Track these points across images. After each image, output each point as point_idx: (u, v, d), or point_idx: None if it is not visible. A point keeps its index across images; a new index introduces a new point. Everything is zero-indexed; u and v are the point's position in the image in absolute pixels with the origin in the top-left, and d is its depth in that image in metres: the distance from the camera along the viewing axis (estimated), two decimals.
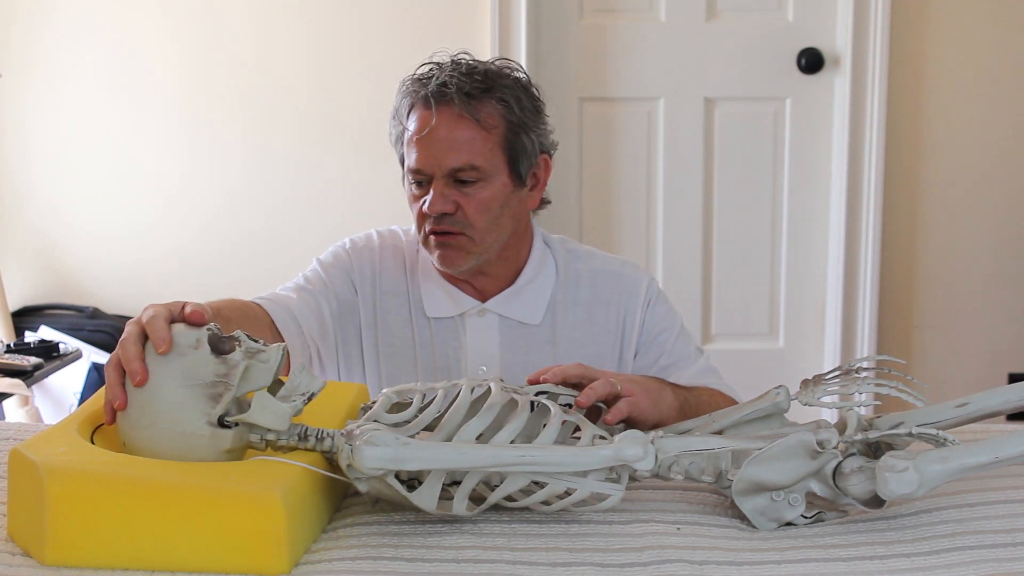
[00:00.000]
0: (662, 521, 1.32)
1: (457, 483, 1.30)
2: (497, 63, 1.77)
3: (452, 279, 1.83)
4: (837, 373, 1.43)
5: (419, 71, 1.76)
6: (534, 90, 1.79)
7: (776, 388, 1.42)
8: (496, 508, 1.32)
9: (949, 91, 3.35)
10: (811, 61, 3.34)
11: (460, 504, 1.27)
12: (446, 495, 1.30)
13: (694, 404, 1.61)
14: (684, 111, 3.41)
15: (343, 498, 1.38)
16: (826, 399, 1.41)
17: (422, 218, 1.76)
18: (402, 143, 1.77)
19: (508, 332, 1.83)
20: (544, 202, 1.86)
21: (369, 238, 1.89)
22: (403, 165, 1.79)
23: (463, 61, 1.75)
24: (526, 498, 1.29)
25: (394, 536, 1.27)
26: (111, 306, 3.47)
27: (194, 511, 1.17)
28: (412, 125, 1.74)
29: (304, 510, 1.23)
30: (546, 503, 1.30)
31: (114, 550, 1.18)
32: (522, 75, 1.78)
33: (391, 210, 3.30)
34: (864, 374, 1.42)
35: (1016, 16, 3.31)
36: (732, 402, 1.73)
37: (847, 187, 3.35)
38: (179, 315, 1.30)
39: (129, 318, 2.19)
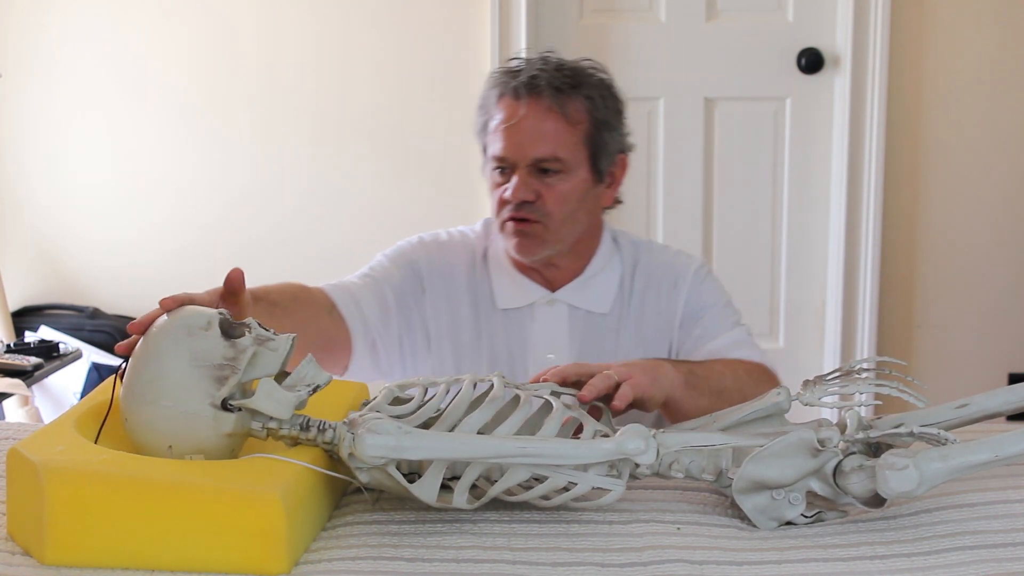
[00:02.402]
0: (662, 521, 1.32)
1: (457, 477, 1.30)
2: (583, 62, 1.84)
3: (523, 269, 1.88)
4: (838, 374, 1.43)
5: (508, 64, 1.84)
6: (616, 91, 1.85)
7: (777, 388, 1.42)
8: (496, 505, 1.32)
9: (949, 91, 3.34)
10: (811, 61, 3.34)
11: (460, 497, 1.27)
12: (446, 488, 1.30)
13: (702, 375, 1.63)
14: (684, 111, 3.40)
15: (342, 495, 1.38)
16: (827, 399, 1.41)
17: (502, 205, 1.82)
18: (486, 132, 1.83)
19: (577, 321, 1.88)
20: (617, 201, 1.92)
21: (437, 235, 1.96)
22: (484, 153, 1.85)
23: (551, 58, 1.82)
24: (526, 493, 1.29)
25: (394, 536, 1.27)
26: (111, 306, 3.47)
27: (194, 511, 1.17)
28: (499, 114, 1.80)
29: (304, 509, 1.23)
30: (546, 498, 1.30)
31: (114, 549, 1.18)
32: (607, 76, 1.85)
33: (398, 212, 3.30)
34: (864, 375, 1.42)
35: (1016, 16, 3.31)
36: (758, 373, 1.75)
37: (847, 187, 3.35)
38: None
39: (130, 319, 2.19)
